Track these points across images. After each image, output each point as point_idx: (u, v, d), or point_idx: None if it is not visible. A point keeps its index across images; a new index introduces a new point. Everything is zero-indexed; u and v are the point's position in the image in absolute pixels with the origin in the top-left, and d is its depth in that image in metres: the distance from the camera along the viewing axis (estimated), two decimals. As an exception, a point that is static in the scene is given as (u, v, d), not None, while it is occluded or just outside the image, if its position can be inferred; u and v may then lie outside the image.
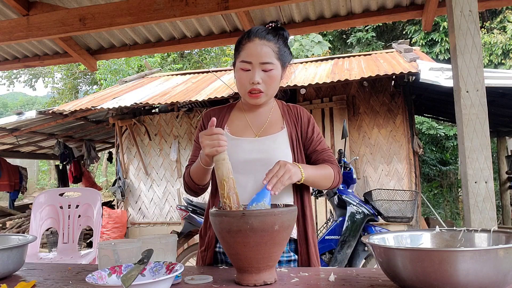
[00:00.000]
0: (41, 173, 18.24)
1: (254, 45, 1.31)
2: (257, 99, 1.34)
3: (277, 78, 1.35)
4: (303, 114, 1.46)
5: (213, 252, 1.40)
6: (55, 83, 18.66)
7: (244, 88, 1.34)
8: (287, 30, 1.42)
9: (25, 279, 1.23)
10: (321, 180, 1.35)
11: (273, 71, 1.32)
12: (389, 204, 3.42)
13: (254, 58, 1.30)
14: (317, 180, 1.33)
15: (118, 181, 6.52)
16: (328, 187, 1.39)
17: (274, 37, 1.34)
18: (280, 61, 1.35)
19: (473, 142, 2.00)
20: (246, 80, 1.32)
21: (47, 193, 3.11)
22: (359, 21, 3.05)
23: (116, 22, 2.71)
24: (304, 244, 1.36)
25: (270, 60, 1.30)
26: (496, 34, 10.23)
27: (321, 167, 1.36)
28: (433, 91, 5.36)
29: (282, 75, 1.39)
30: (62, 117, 6.48)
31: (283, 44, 1.37)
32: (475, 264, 0.79)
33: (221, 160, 1.16)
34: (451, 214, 9.66)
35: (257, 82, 1.30)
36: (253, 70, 1.31)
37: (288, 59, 1.40)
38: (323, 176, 1.35)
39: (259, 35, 1.32)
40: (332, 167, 1.38)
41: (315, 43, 13.05)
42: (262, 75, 1.31)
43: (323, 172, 1.35)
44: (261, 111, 1.44)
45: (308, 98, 5.83)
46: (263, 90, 1.33)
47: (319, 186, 1.37)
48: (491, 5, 2.81)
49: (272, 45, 1.32)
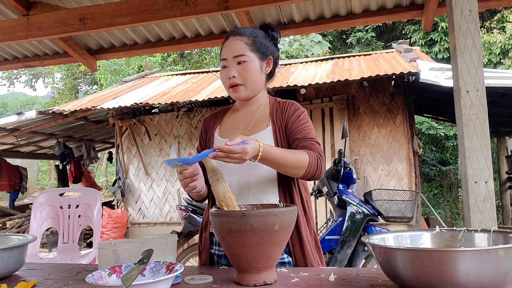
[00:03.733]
0: (41, 173, 18.22)
1: (228, 42, 1.39)
2: (237, 93, 1.38)
3: (253, 70, 1.37)
4: (290, 108, 1.40)
5: (209, 253, 1.41)
6: (55, 83, 18.66)
7: (225, 84, 1.40)
8: (276, 28, 1.46)
9: (25, 279, 1.23)
10: (288, 165, 1.23)
11: (247, 63, 1.35)
12: (389, 204, 3.42)
13: (228, 54, 1.37)
14: (283, 164, 1.22)
15: (118, 181, 6.52)
16: (300, 175, 1.27)
17: (250, 32, 1.39)
18: (257, 53, 1.37)
19: (473, 142, 1.99)
20: (225, 76, 1.38)
21: (47, 193, 3.11)
22: (359, 21, 3.05)
23: (116, 22, 2.71)
24: (298, 243, 1.32)
25: (243, 52, 1.35)
26: (496, 34, 10.24)
27: (293, 151, 1.26)
28: (433, 91, 5.37)
29: (263, 67, 1.41)
30: (62, 117, 6.48)
31: (263, 36, 1.41)
32: (475, 264, 0.79)
33: (215, 181, 1.18)
34: (451, 214, 9.66)
35: (233, 76, 1.35)
36: (229, 66, 1.37)
37: (270, 51, 1.42)
38: (291, 160, 1.23)
39: (233, 33, 1.40)
40: (310, 154, 1.26)
41: (315, 43, 13.07)
42: (237, 69, 1.36)
43: (292, 157, 1.23)
44: (250, 110, 1.45)
45: (308, 98, 5.83)
46: (241, 83, 1.36)
47: (287, 171, 1.26)
48: (491, 5, 2.81)
49: (245, 38, 1.37)
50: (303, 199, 1.38)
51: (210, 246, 1.41)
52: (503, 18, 10.55)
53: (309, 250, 1.33)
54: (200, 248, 1.45)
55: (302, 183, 1.42)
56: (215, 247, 1.40)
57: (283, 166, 1.24)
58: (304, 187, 1.42)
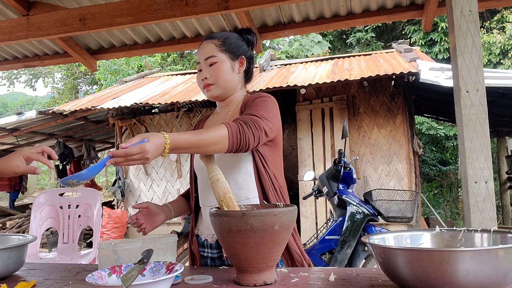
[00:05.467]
0: (41, 173, 18.23)
1: (201, 47, 1.45)
2: (209, 92, 1.41)
3: (224, 69, 1.40)
4: (254, 98, 1.37)
5: (200, 256, 1.43)
6: (55, 83, 18.65)
7: (200, 86, 1.44)
8: (253, 32, 1.50)
9: (25, 279, 1.23)
10: (205, 144, 1.15)
11: (217, 63, 1.39)
12: (389, 204, 3.42)
13: (200, 57, 1.43)
14: (199, 145, 1.15)
15: (118, 181, 6.52)
16: (225, 149, 1.18)
17: (221, 35, 1.45)
18: (227, 53, 1.41)
19: (473, 142, 1.99)
20: (199, 79, 1.43)
21: (47, 193, 3.11)
22: (359, 21, 3.05)
23: (116, 22, 2.71)
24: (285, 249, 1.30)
25: (212, 53, 1.40)
26: (495, 34, 10.24)
27: (208, 130, 1.18)
28: (433, 91, 5.37)
29: (236, 67, 1.43)
30: (62, 117, 6.48)
31: (235, 38, 1.45)
32: (475, 264, 0.79)
33: (215, 181, 1.18)
34: (451, 214, 9.66)
35: (205, 77, 1.40)
36: (202, 68, 1.42)
37: (241, 51, 1.45)
38: (207, 139, 1.15)
39: (206, 38, 1.46)
40: (229, 126, 1.19)
41: (315, 43, 13.07)
42: (209, 70, 1.40)
43: (207, 135, 1.16)
44: (226, 110, 1.47)
45: (308, 98, 5.83)
46: (212, 82, 1.40)
47: (208, 150, 1.17)
48: (491, 5, 2.81)
49: (215, 41, 1.43)
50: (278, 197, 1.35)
51: (201, 250, 1.42)
52: (503, 18, 10.55)
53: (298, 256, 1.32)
54: (192, 251, 1.46)
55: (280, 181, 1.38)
56: (207, 250, 1.40)
57: (200, 147, 1.15)
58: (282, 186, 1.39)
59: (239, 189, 1.34)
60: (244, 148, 1.21)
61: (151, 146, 1.05)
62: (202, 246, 1.42)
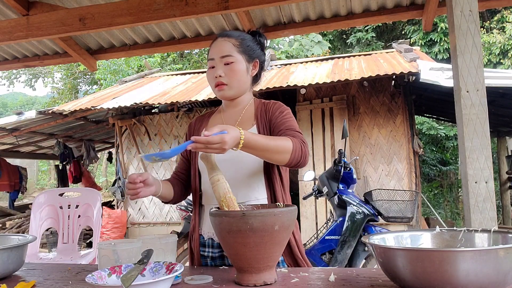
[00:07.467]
0: (41, 173, 18.21)
1: (216, 43, 1.42)
2: (222, 91, 1.39)
3: (240, 71, 1.39)
4: (274, 106, 1.41)
5: (200, 255, 1.42)
6: (55, 83, 18.64)
7: (212, 83, 1.41)
8: (263, 35, 1.49)
9: (25, 279, 1.23)
10: (272, 150, 1.19)
11: (234, 64, 1.37)
12: (389, 204, 3.41)
13: (215, 54, 1.39)
14: (267, 149, 1.18)
15: (118, 181, 6.51)
16: (285, 161, 1.23)
17: (238, 35, 1.43)
18: (244, 55, 1.40)
19: (473, 142, 1.99)
20: (212, 76, 1.40)
21: (47, 193, 3.11)
22: (359, 21, 3.05)
23: (116, 22, 2.71)
24: (287, 246, 1.31)
25: (230, 53, 1.37)
26: (495, 34, 10.24)
27: (276, 138, 1.24)
28: (433, 91, 5.37)
29: (250, 70, 1.43)
30: (62, 117, 6.48)
31: (250, 40, 1.44)
32: (475, 264, 0.79)
33: (216, 181, 1.18)
34: (451, 214, 9.66)
35: (219, 75, 1.37)
36: (216, 66, 1.39)
37: (256, 54, 1.45)
38: (275, 146, 1.19)
39: (221, 35, 1.43)
40: (293, 140, 1.24)
41: (315, 43, 13.06)
42: (224, 69, 1.38)
43: (275, 143, 1.20)
44: (235, 111, 1.46)
45: (308, 98, 5.83)
46: (226, 83, 1.38)
47: (271, 157, 1.22)
48: (491, 5, 2.81)
49: (233, 40, 1.40)
50: (286, 196, 1.39)
51: (202, 249, 1.41)
52: (503, 18, 10.55)
53: (299, 252, 1.34)
54: (192, 251, 1.46)
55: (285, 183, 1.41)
56: (208, 249, 1.40)
57: (267, 152, 1.19)
58: (287, 187, 1.42)
59: (248, 190, 1.34)
60: (298, 166, 1.27)
61: (230, 138, 1.08)
62: (203, 246, 1.42)
